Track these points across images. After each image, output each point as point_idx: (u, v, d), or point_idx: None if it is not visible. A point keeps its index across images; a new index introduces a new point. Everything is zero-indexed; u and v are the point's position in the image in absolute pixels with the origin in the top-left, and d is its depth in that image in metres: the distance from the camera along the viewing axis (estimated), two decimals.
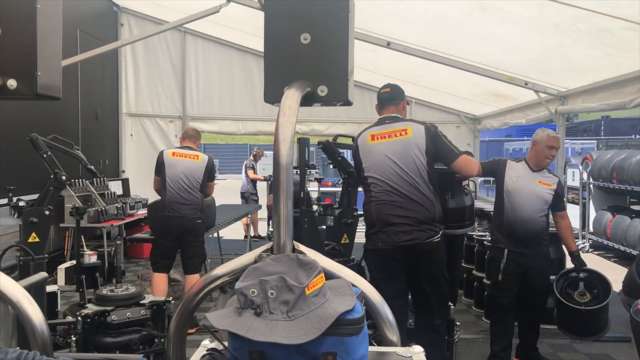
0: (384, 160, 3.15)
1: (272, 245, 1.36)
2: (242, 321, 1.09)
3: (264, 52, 1.58)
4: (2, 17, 1.53)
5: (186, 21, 5.38)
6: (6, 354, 0.82)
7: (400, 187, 3.11)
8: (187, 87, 7.74)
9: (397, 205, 3.09)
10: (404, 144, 3.17)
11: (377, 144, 3.22)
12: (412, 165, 3.12)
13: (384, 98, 3.40)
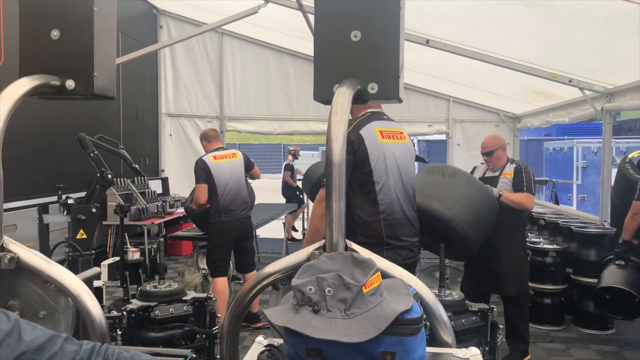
0: (395, 166, 2.68)
1: (325, 243, 1.36)
2: (300, 318, 1.09)
3: (313, 50, 1.58)
4: (61, 19, 1.58)
5: (224, 22, 5.44)
6: (81, 345, 0.84)
7: (405, 200, 2.73)
8: (224, 88, 7.83)
9: (405, 219, 2.72)
10: (405, 149, 2.79)
11: (386, 143, 2.68)
12: (411, 175, 2.79)
13: None
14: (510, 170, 3.95)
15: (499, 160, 4.00)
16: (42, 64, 1.58)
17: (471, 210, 3.16)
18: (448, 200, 3.09)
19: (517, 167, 3.94)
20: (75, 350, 0.82)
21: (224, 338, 1.42)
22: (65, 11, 1.57)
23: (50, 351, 0.78)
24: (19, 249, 1.38)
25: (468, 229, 3.10)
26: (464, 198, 3.16)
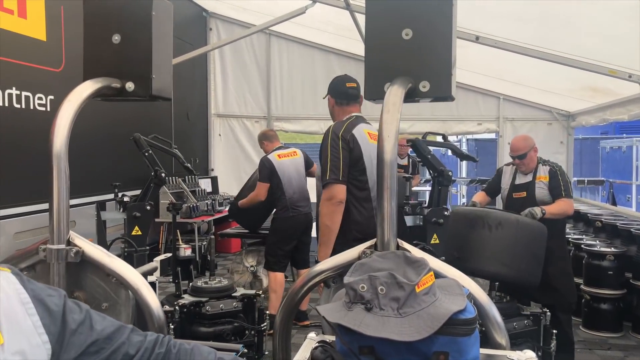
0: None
1: (376, 242, 1.37)
2: (353, 315, 1.10)
3: (364, 49, 1.59)
4: (121, 24, 1.65)
5: (272, 23, 5.50)
6: (145, 336, 0.88)
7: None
8: (271, 88, 7.93)
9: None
10: None
11: (374, 144, 2.74)
12: None
13: (351, 95, 3.01)
14: (544, 173, 3.78)
15: (531, 162, 3.84)
16: (104, 67, 1.65)
17: (530, 256, 3.06)
18: (506, 258, 2.97)
19: (552, 170, 3.78)
20: (140, 340, 0.86)
21: (276, 334, 1.44)
22: (125, 16, 1.64)
23: (118, 340, 0.82)
24: (84, 244, 1.46)
25: (534, 275, 3.03)
26: (519, 246, 3.03)
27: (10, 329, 0.70)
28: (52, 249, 1.41)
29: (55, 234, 1.43)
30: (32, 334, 0.73)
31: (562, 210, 3.62)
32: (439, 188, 3.40)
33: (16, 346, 0.70)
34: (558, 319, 3.80)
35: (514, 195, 3.84)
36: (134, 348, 0.84)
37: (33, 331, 0.73)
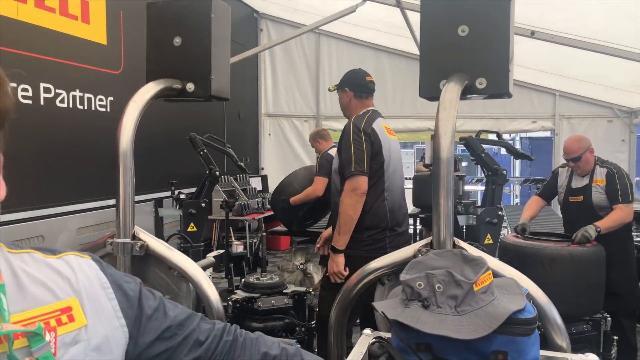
0: (396, 157, 2.98)
1: (431, 240, 1.36)
2: (410, 312, 1.11)
3: (419, 47, 1.58)
4: (182, 27, 1.71)
5: (322, 23, 5.53)
6: (214, 324, 0.92)
7: (401, 189, 3.02)
8: (320, 87, 7.97)
9: (402, 207, 2.98)
10: (398, 145, 3.12)
11: (390, 138, 2.96)
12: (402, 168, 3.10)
13: (371, 88, 3.11)
14: (601, 176, 3.58)
15: (587, 164, 3.64)
16: (166, 69, 1.72)
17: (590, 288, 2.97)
18: (565, 296, 2.84)
19: (609, 173, 3.56)
20: (209, 328, 0.89)
21: (331, 330, 1.46)
22: (186, 19, 1.70)
23: (190, 327, 0.86)
24: (148, 238, 1.53)
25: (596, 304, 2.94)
26: (578, 281, 2.92)
27: (93, 311, 0.75)
28: (119, 242, 1.49)
29: (122, 228, 1.51)
30: (112, 317, 0.77)
31: (618, 221, 3.42)
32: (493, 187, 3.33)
33: (98, 328, 0.74)
34: (620, 325, 3.64)
35: (570, 199, 3.70)
36: (204, 335, 0.87)
37: (112, 315, 0.77)
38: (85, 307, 0.74)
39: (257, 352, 0.90)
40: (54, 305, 0.71)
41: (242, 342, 0.91)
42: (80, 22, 4.40)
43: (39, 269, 0.74)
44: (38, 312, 0.69)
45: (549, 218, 5.39)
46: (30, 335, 0.66)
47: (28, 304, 0.69)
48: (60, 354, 0.68)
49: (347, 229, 2.76)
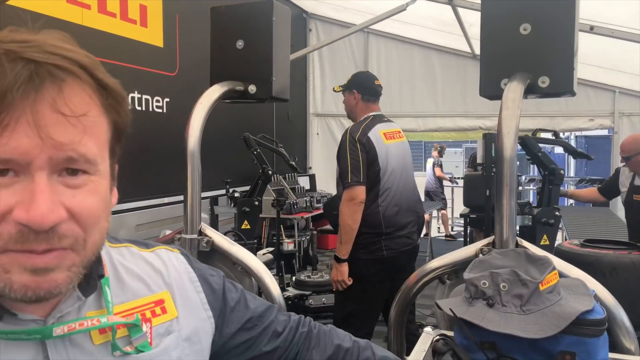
0: (396, 163, 2.97)
1: (494, 240, 1.36)
2: (475, 311, 1.11)
3: (480, 46, 1.58)
4: (245, 30, 1.77)
5: (372, 22, 5.53)
6: (289, 316, 0.95)
7: (403, 191, 3.00)
8: None
9: (404, 210, 2.97)
10: (403, 146, 3.09)
11: (389, 144, 2.96)
12: (411, 168, 3.10)
13: (379, 92, 3.18)
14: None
15: (637, 166, 3.52)
16: (228, 71, 1.78)
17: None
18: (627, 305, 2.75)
19: None
20: (285, 319, 0.93)
21: (391, 327, 1.49)
22: (248, 23, 1.76)
23: (268, 318, 0.90)
24: (213, 234, 1.59)
25: None
26: None
27: (184, 304, 0.80)
28: (186, 238, 1.56)
29: (189, 224, 1.58)
30: (200, 309, 0.81)
31: None
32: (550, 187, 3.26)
33: (188, 319, 0.79)
34: None
35: (635, 197, 3.57)
36: (281, 326, 0.91)
37: (200, 307, 0.82)
38: (176, 299, 0.79)
39: (331, 343, 0.94)
40: (148, 297, 0.76)
41: (317, 334, 0.95)
42: (139, 26, 4.58)
43: (136, 263, 0.79)
44: (135, 304, 0.74)
45: (608, 221, 5.19)
46: (130, 326, 0.71)
47: (126, 297, 0.74)
48: (156, 343, 0.73)
49: (348, 238, 2.83)
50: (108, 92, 0.63)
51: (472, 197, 5.54)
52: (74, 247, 0.60)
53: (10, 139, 0.55)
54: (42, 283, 0.58)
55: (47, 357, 0.63)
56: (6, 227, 0.56)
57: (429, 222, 7.81)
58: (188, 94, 2.70)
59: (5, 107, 0.54)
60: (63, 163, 0.58)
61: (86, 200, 0.60)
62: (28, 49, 0.57)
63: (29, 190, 0.56)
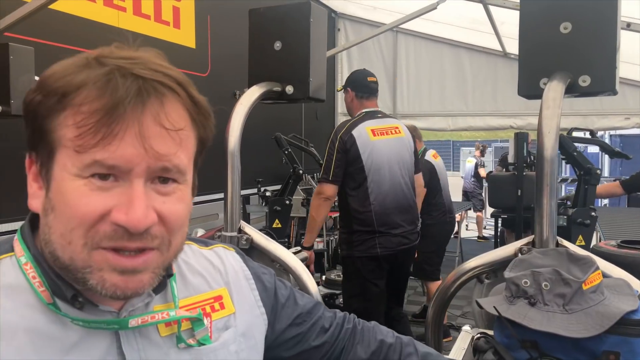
0: (385, 160, 2.97)
1: (533, 239, 1.36)
2: (517, 309, 1.12)
3: (518, 45, 1.58)
4: (282, 32, 1.80)
5: (402, 21, 5.50)
6: (335, 312, 0.98)
7: (398, 189, 3.00)
8: (397, 85, 7.93)
9: (397, 209, 2.98)
10: (399, 142, 3.06)
11: (377, 141, 2.97)
12: (408, 166, 3.07)
13: (372, 88, 3.17)
14: None
15: None
16: (266, 73, 1.81)
17: None
18: None
19: None
20: (332, 316, 0.96)
21: (428, 327, 1.50)
22: (286, 24, 1.79)
23: (316, 315, 0.93)
24: (252, 232, 1.63)
25: None
26: None
27: (240, 300, 0.83)
28: (227, 235, 1.59)
29: (229, 222, 1.62)
30: (254, 306, 0.85)
31: None
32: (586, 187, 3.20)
33: (244, 316, 0.82)
34: None
35: None
36: (328, 322, 0.94)
37: (254, 304, 0.85)
38: (233, 296, 0.83)
39: (375, 339, 0.96)
40: (208, 293, 0.80)
41: (361, 330, 0.97)
42: (172, 28, 4.67)
43: (197, 260, 0.83)
44: (196, 299, 0.78)
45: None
46: (193, 320, 0.75)
47: (189, 292, 0.79)
48: (215, 337, 0.77)
49: (312, 228, 3.01)
50: (198, 108, 0.68)
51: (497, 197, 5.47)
52: (160, 248, 0.65)
53: (118, 147, 0.60)
54: (130, 283, 0.63)
55: (119, 347, 0.68)
56: (103, 226, 0.61)
57: (459, 222, 7.74)
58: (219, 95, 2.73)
59: (116, 118, 0.60)
60: (158, 172, 0.63)
61: (174, 206, 0.65)
62: (135, 65, 0.63)
63: (127, 195, 0.61)
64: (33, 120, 0.65)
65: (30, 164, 0.68)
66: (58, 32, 3.52)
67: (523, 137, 5.48)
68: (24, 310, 0.64)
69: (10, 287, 0.65)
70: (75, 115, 0.61)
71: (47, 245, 0.64)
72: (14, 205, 2.93)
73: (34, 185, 0.67)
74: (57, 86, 0.62)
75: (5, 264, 0.68)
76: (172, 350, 0.72)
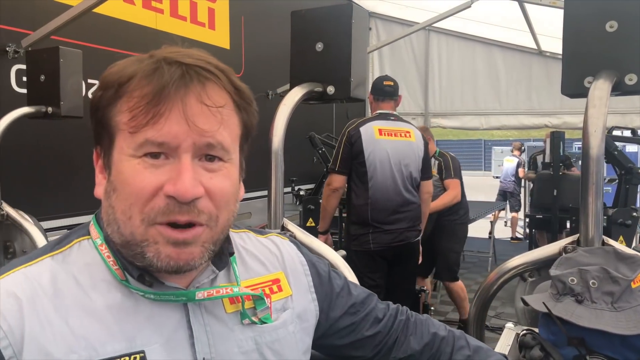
0: (387, 159, 3.10)
1: (578, 238, 1.36)
2: (564, 307, 1.13)
3: (562, 45, 1.57)
4: (324, 33, 1.83)
5: (436, 20, 5.47)
6: (388, 305, 1.01)
7: (397, 190, 3.12)
8: (429, 84, 7.89)
9: (393, 207, 3.10)
10: (407, 146, 3.20)
11: (382, 140, 3.14)
12: (412, 170, 3.18)
13: (387, 92, 3.28)
14: None
15: None
16: (308, 73, 1.85)
17: None
18: None
19: None
20: (385, 307, 0.99)
21: (471, 325, 1.51)
22: (328, 25, 1.82)
23: (370, 305, 0.96)
24: (295, 229, 1.67)
25: None
26: None
27: (296, 284, 0.88)
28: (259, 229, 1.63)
29: (273, 219, 1.66)
30: (307, 291, 0.89)
31: None
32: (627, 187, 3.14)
33: (299, 299, 0.87)
34: None
35: None
36: (381, 313, 0.97)
37: (307, 289, 0.90)
38: (289, 279, 0.88)
39: (427, 331, 0.98)
40: (266, 276, 0.86)
41: (414, 322, 1.00)
42: (207, 29, 4.77)
43: (254, 246, 0.89)
44: (256, 281, 0.84)
45: None
46: (256, 298, 0.80)
47: (249, 274, 0.84)
48: (275, 317, 0.82)
49: (323, 216, 3.25)
50: (240, 93, 0.74)
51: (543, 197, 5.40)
52: (209, 224, 0.70)
53: (164, 125, 0.67)
54: (182, 255, 0.69)
55: (189, 321, 0.74)
56: (157, 201, 0.67)
57: (492, 222, 7.66)
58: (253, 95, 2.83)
59: (162, 99, 0.67)
60: (204, 149, 0.69)
61: (220, 182, 0.71)
62: (180, 55, 0.70)
63: (177, 169, 0.67)
64: (96, 113, 0.72)
65: (97, 157, 0.76)
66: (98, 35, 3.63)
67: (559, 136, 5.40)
68: (102, 286, 0.71)
69: (89, 266, 0.73)
70: (129, 101, 0.68)
71: (111, 225, 0.71)
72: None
73: (99, 176, 0.75)
74: (113, 79, 0.70)
75: (83, 246, 0.75)
76: (237, 327, 0.77)
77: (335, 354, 0.96)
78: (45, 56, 2.51)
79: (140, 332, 0.70)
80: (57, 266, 0.71)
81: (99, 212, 0.78)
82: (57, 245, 0.75)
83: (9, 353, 0.63)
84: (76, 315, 0.68)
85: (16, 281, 0.69)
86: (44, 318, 0.66)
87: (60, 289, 0.69)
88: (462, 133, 19.93)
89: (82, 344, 0.66)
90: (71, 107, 2.51)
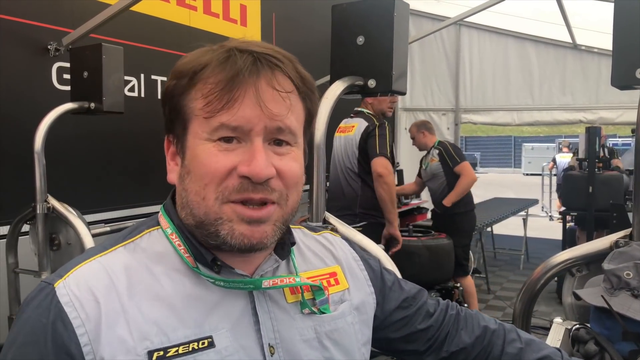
0: (338, 154, 3.52)
1: (631, 232, 1.34)
2: (619, 301, 1.11)
3: (612, 35, 1.54)
4: (365, 26, 1.83)
5: (469, 14, 5.40)
6: (438, 300, 1.02)
7: (337, 180, 3.48)
8: (460, 80, 7.79)
9: (332, 196, 3.45)
10: (347, 140, 3.49)
11: (336, 136, 3.55)
12: (348, 162, 3.46)
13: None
14: None
15: None
16: (348, 67, 1.85)
17: None
18: None
19: None
20: (435, 303, 1.00)
21: (517, 319, 1.50)
22: (369, 19, 1.82)
23: (421, 300, 0.98)
24: (336, 222, 1.67)
25: None
26: None
27: (352, 278, 0.90)
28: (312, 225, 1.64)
29: (314, 213, 1.67)
30: (364, 285, 0.91)
31: None
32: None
33: (356, 292, 0.89)
34: None
35: None
36: (432, 308, 0.98)
37: (364, 283, 0.91)
38: (345, 273, 0.89)
39: (478, 325, 0.99)
40: (323, 270, 0.87)
41: (464, 316, 1.00)
42: (239, 25, 4.81)
43: (309, 241, 0.91)
44: (314, 273, 0.85)
45: None
46: (315, 289, 0.81)
47: (307, 267, 0.86)
48: (333, 308, 0.83)
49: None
50: (304, 81, 0.77)
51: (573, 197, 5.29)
52: (280, 202, 0.73)
53: (239, 109, 0.70)
54: (255, 233, 0.71)
55: (254, 308, 0.76)
56: (231, 180, 0.70)
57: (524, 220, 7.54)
58: None
59: (237, 84, 0.70)
60: (274, 132, 0.72)
61: (289, 163, 0.74)
62: (250, 45, 0.74)
63: (250, 151, 0.70)
64: (170, 101, 0.75)
65: (168, 145, 0.79)
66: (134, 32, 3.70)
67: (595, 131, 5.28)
68: (173, 274, 0.74)
69: (160, 255, 0.75)
70: (204, 88, 0.71)
71: (185, 208, 0.74)
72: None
73: (171, 163, 0.78)
74: (187, 68, 0.73)
75: (153, 236, 0.78)
76: (298, 316, 0.79)
77: (389, 348, 0.98)
78: (88, 53, 2.57)
79: (208, 318, 0.72)
80: (130, 255, 0.74)
81: (166, 203, 0.81)
82: (128, 235, 0.78)
83: (85, 340, 0.66)
84: (148, 303, 0.70)
85: (93, 270, 0.71)
86: (119, 306, 0.69)
87: (133, 277, 0.72)
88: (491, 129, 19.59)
89: (154, 330, 0.68)
90: (113, 103, 2.57)
